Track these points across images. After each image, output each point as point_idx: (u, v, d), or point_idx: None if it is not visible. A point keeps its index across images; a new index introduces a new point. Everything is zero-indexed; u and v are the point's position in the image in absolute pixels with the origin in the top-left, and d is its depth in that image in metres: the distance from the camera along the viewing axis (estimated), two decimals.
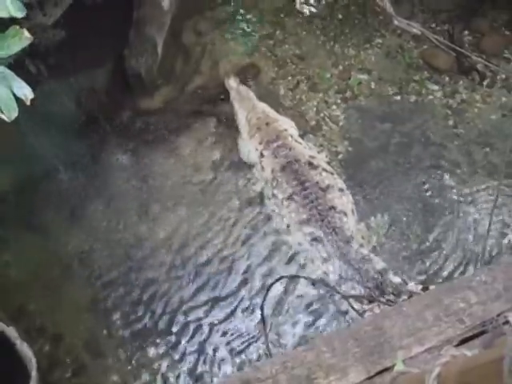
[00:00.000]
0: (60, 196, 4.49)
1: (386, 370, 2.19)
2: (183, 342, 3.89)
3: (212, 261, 4.18)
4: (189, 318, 3.96)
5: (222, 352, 3.85)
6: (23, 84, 2.78)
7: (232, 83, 4.78)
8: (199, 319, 3.96)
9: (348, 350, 2.26)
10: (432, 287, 3.71)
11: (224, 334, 3.91)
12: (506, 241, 4.22)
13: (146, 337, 3.91)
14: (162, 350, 3.87)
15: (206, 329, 3.92)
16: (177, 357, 3.84)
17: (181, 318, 3.97)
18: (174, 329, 3.93)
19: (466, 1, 5.35)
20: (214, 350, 3.86)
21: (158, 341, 3.90)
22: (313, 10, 5.41)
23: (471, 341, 2.24)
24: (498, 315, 2.28)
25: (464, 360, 1.56)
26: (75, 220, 4.38)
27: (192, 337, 3.90)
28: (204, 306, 4.01)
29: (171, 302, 4.03)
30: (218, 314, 3.97)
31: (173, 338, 3.90)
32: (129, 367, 3.81)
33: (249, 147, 4.51)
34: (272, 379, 2.20)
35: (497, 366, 1.27)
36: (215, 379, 3.78)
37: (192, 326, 3.93)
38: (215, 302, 4.02)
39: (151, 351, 3.86)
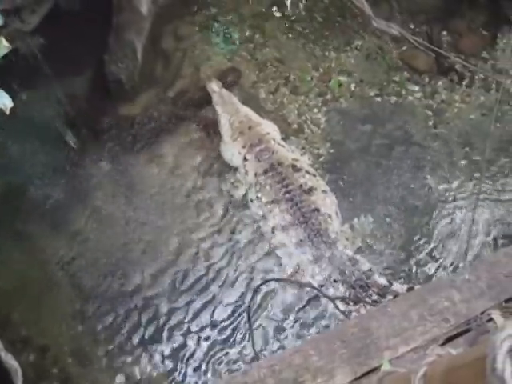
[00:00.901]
0: (42, 204, 4.44)
1: (373, 370, 2.20)
2: (173, 350, 3.86)
3: (197, 265, 4.17)
4: (177, 326, 3.94)
5: (211, 357, 3.83)
6: (2, 93, 2.76)
7: (214, 87, 4.75)
8: (187, 327, 3.94)
9: (335, 352, 2.26)
10: (417, 287, 3.73)
11: (212, 339, 3.90)
12: (488, 239, 4.26)
13: (135, 346, 3.88)
14: (151, 360, 3.84)
15: (194, 336, 3.90)
16: (168, 366, 3.81)
17: (169, 326, 3.94)
18: (163, 337, 3.91)
19: (444, 2, 5.41)
20: (203, 357, 3.84)
21: (147, 350, 3.87)
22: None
23: (456, 339, 2.26)
24: (482, 313, 2.31)
25: (449, 359, 1.57)
26: (59, 228, 4.33)
27: (181, 345, 3.88)
28: (191, 313, 3.99)
29: (158, 309, 4.00)
30: (205, 319, 3.96)
31: (162, 347, 3.88)
32: (117, 379, 3.78)
33: (232, 151, 4.50)
34: (260, 383, 2.20)
35: (481, 364, 1.28)
36: None
37: (180, 334, 3.91)
38: (202, 307, 4.01)
39: (140, 360, 3.83)
